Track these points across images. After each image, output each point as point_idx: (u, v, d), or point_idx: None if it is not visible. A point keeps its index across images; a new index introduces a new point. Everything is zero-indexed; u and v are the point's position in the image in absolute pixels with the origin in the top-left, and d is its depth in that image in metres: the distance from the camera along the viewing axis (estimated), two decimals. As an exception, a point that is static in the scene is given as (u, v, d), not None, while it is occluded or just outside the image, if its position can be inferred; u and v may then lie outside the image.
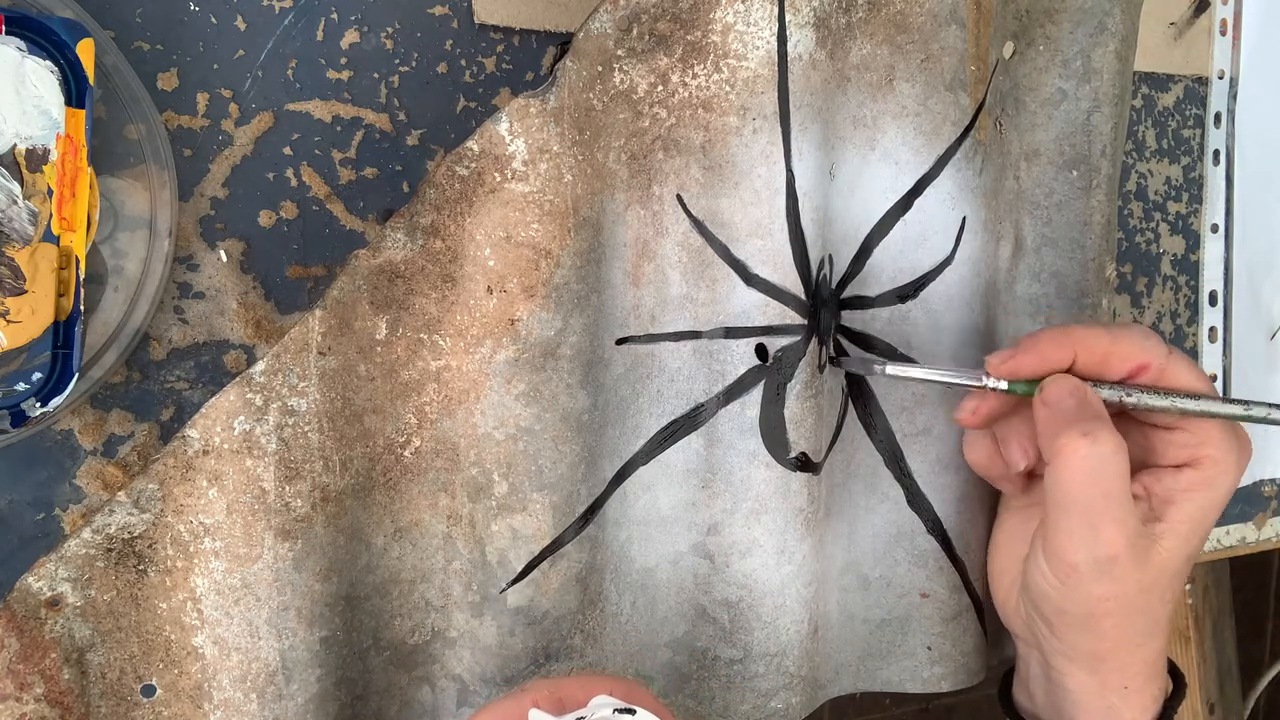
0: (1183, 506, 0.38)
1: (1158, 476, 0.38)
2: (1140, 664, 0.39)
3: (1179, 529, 0.38)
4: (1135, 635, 0.38)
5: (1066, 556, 0.37)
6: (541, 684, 0.31)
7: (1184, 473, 0.38)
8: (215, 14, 0.35)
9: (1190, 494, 0.38)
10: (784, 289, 0.39)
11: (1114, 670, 0.39)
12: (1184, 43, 0.55)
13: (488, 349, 0.36)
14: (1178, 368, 0.38)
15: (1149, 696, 0.40)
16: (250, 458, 0.33)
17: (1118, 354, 0.38)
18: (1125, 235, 0.54)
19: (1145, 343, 0.38)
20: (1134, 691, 0.39)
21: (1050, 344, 0.38)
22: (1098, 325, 0.38)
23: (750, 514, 0.40)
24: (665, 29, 0.36)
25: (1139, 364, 0.38)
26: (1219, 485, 0.38)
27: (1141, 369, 0.38)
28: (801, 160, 0.38)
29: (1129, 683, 0.39)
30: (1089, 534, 0.36)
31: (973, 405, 0.40)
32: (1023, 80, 0.45)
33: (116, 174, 0.33)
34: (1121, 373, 0.38)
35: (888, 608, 0.44)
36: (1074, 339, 0.38)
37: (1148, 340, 0.38)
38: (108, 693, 0.33)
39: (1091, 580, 0.37)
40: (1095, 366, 0.38)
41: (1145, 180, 0.54)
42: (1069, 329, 0.38)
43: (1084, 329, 0.38)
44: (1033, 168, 0.45)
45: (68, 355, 0.31)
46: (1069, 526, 0.37)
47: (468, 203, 0.35)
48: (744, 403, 0.39)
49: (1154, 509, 0.38)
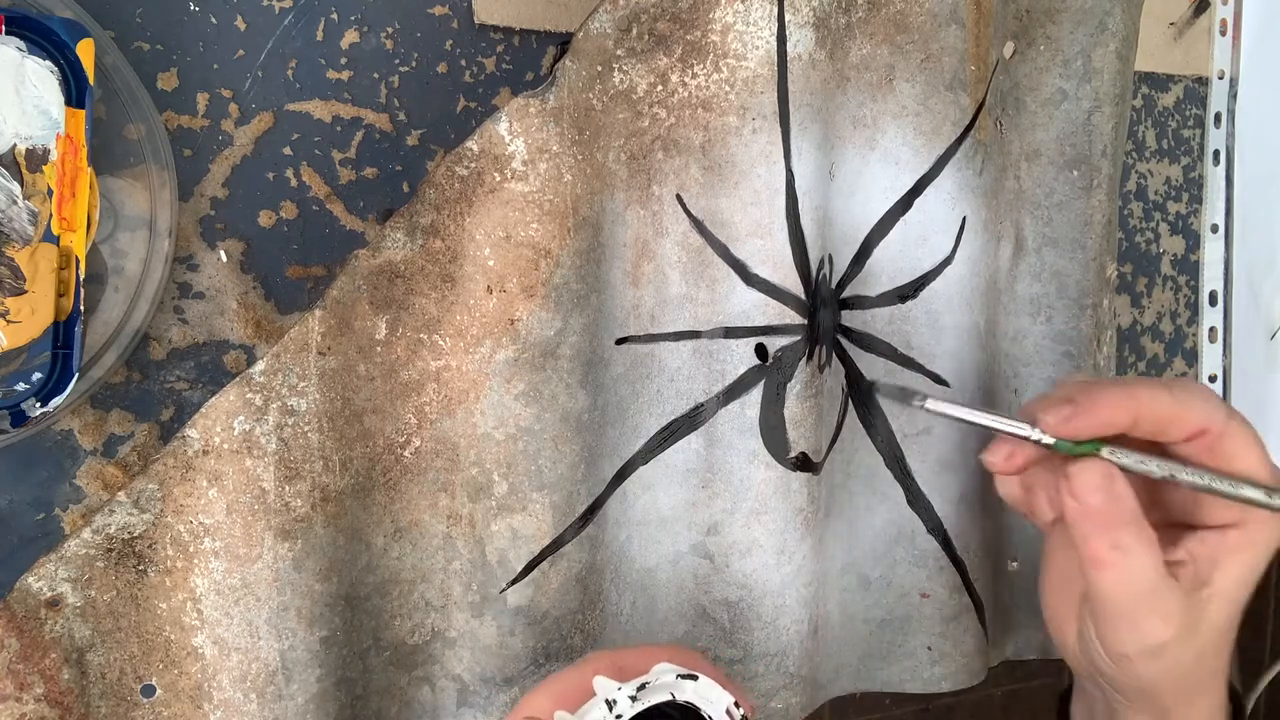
0: (1228, 570, 0.36)
1: (1202, 539, 0.37)
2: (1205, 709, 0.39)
3: (1227, 591, 0.36)
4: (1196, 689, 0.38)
5: (1115, 649, 0.36)
6: (603, 654, 0.31)
7: (1229, 535, 0.37)
8: (215, 14, 0.35)
9: (1236, 555, 0.37)
10: (784, 289, 0.39)
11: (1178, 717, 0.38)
12: (1184, 43, 0.55)
13: (487, 349, 0.36)
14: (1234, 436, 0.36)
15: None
16: (250, 458, 0.33)
17: (1180, 419, 0.35)
18: (1125, 235, 0.54)
19: (1207, 407, 0.36)
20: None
21: (1111, 407, 0.35)
22: (1160, 386, 0.36)
23: (750, 514, 0.40)
24: (665, 29, 0.36)
25: (1199, 429, 0.36)
26: (1265, 543, 0.37)
27: (1201, 433, 0.36)
28: (801, 160, 0.38)
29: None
30: (1133, 631, 0.36)
31: (1007, 452, 0.37)
32: (1023, 80, 0.45)
33: (116, 174, 0.33)
34: (1181, 437, 0.36)
35: (888, 608, 0.44)
36: (1137, 401, 0.35)
37: (1208, 403, 0.36)
38: (108, 693, 0.33)
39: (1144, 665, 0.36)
40: (1154, 430, 0.36)
41: (1145, 180, 0.54)
42: (1133, 389, 0.35)
43: (1147, 390, 0.36)
44: (1033, 167, 0.45)
45: (68, 355, 0.31)
46: (1113, 625, 0.36)
47: (467, 203, 0.35)
48: (744, 403, 0.39)
49: (1199, 573, 0.37)
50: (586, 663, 0.30)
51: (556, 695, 0.30)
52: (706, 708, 0.28)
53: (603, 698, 0.28)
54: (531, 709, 0.29)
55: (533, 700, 0.30)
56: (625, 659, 0.30)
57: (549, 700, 0.29)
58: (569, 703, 0.29)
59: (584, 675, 0.30)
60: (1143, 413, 0.35)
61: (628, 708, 0.28)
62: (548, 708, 0.29)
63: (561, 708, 0.29)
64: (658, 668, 0.29)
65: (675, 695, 0.28)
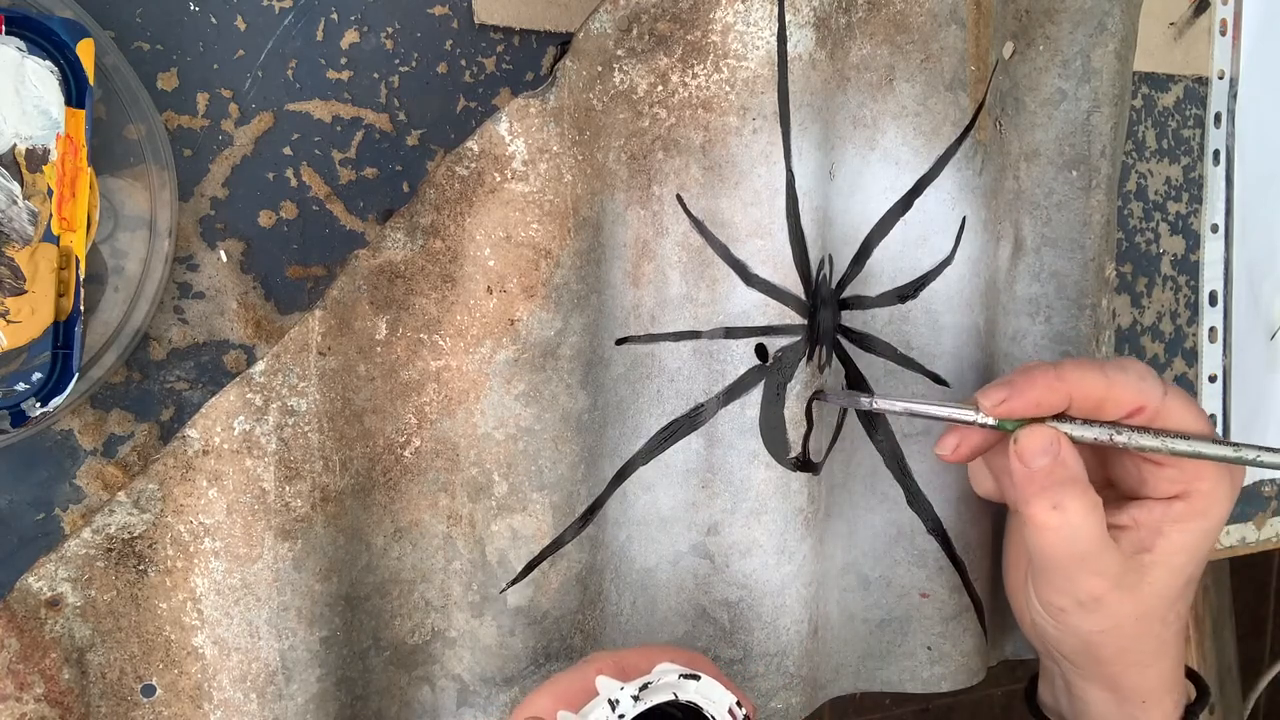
0: (1171, 538, 0.38)
1: (1147, 508, 0.38)
2: (1155, 680, 0.39)
3: (1170, 560, 0.38)
4: (1141, 657, 0.39)
5: (1052, 600, 0.38)
6: (604, 654, 0.31)
7: (1174, 505, 0.38)
8: (215, 14, 0.35)
9: (1180, 525, 0.38)
10: (784, 289, 0.39)
11: (1128, 688, 0.39)
12: (1184, 43, 0.55)
13: (488, 349, 0.36)
14: (1173, 407, 0.37)
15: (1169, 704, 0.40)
16: (250, 458, 0.33)
17: (1113, 398, 0.37)
18: (1125, 235, 0.54)
19: (1141, 384, 0.37)
20: (1153, 705, 0.40)
21: (1044, 387, 0.36)
22: (1093, 365, 0.37)
23: (750, 514, 0.40)
24: (665, 29, 0.36)
25: (1135, 406, 0.37)
26: (1210, 516, 0.38)
27: (1137, 411, 0.37)
28: (801, 160, 0.38)
29: (1146, 698, 0.40)
30: (1068, 584, 0.37)
31: (954, 442, 0.39)
32: (1023, 80, 0.45)
33: (116, 174, 0.33)
34: (1117, 415, 0.37)
35: (888, 608, 0.44)
36: (1069, 381, 0.36)
37: (1144, 381, 0.37)
38: (108, 693, 0.33)
39: (1080, 618, 0.38)
40: (1090, 409, 0.37)
41: (1145, 180, 0.54)
42: (1063, 370, 0.37)
43: (1079, 370, 0.37)
44: (1033, 168, 0.45)
45: (68, 355, 0.31)
46: (1048, 579, 0.37)
47: (468, 203, 0.35)
48: (744, 403, 0.39)
49: (1143, 539, 0.38)
50: (589, 663, 0.30)
51: (559, 695, 0.30)
52: (709, 707, 0.29)
53: (605, 698, 0.28)
54: (534, 709, 0.30)
55: (535, 700, 0.30)
56: (627, 659, 0.31)
57: (551, 700, 0.30)
58: (571, 702, 0.29)
59: (586, 675, 0.30)
60: (1075, 392, 0.37)
61: (630, 708, 0.28)
62: (550, 708, 0.29)
63: (564, 707, 0.29)
64: (660, 668, 0.29)
65: (678, 695, 0.28)
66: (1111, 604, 0.37)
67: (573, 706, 0.29)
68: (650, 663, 0.30)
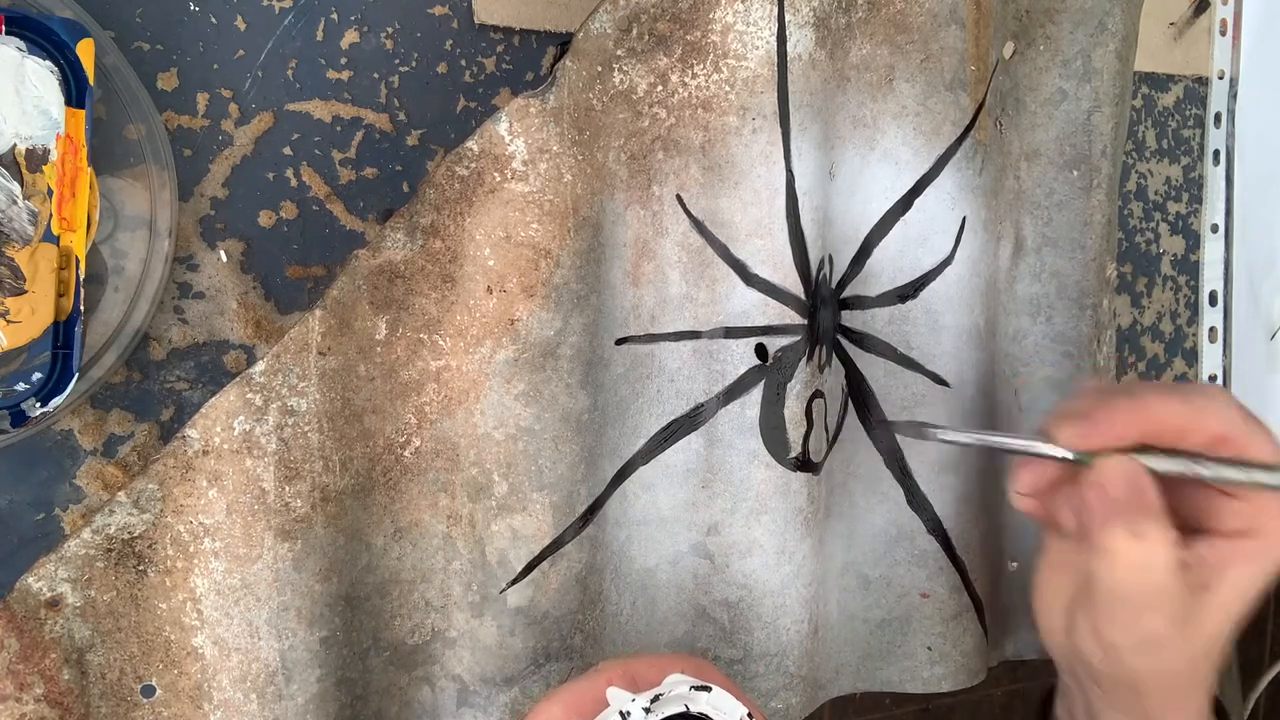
0: (1233, 576, 0.36)
1: (1214, 545, 0.36)
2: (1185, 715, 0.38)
3: (1228, 599, 0.36)
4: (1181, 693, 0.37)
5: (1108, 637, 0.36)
6: (614, 663, 0.31)
7: (1241, 542, 0.36)
8: (215, 14, 0.35)
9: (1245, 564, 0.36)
10: (784, 289, 0.39)
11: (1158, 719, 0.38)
12: (1184, 43, 0.55)
13: (488, 349, 0.36)
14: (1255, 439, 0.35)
15: None
16: (250, 458, 0.33)
17: (1196, 429, 0.35)
18: (1125, 235, 0.54)
19: (1226, 414, 0.35)
20: None
21: (1125, 420, 0.35)
22: (1174, 393, 0.35)
23: (750, 514, 0.40)
24: (665, 29, 0.36)
25: (1219, 437, 0.35)
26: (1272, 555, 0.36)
27: (1221, 441, 0.35)
28: (801, 160, 0.38)
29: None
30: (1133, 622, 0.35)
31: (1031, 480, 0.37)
32: (1023, 80, 0.45)
33: (116, 174, 0.33)
34: (1199, 445, 0.35)
35: (888, 608, 0.44)
36: (1150, 411, 0.35)
37: (1228, 411, 0.35)
38: (108, 693, 0.33)
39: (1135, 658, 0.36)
40: (1173, 440, 0.35)
41: (1145, 180, 0.54)
42: (1145, 400, 0.35)
43: (1160, 399, 0.35)
44: (1033, 168, 0.45)
45: (68, 355, 0.31)
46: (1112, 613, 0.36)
47: (468, 203, 0.35)
48: (744, 403, 0.39)
49: (1204, 578, 0.36)
50: (599, 672, 0.30)
51: (569, 705, 0.30)
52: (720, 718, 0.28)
53: (617, 709, 0.28)
54: (545, 717, 0.29)
55: (546, 709, 0.30)
56: (637, 668, 0.30)
57: (562, 710, 0.29)
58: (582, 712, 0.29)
59: (595, 685, 0.30)
60: (1158, 423, 0.35)
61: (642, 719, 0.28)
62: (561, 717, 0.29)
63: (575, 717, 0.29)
64: (671, 679, 0.29)
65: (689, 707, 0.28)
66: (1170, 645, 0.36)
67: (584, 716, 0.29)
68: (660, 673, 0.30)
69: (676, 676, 0.29)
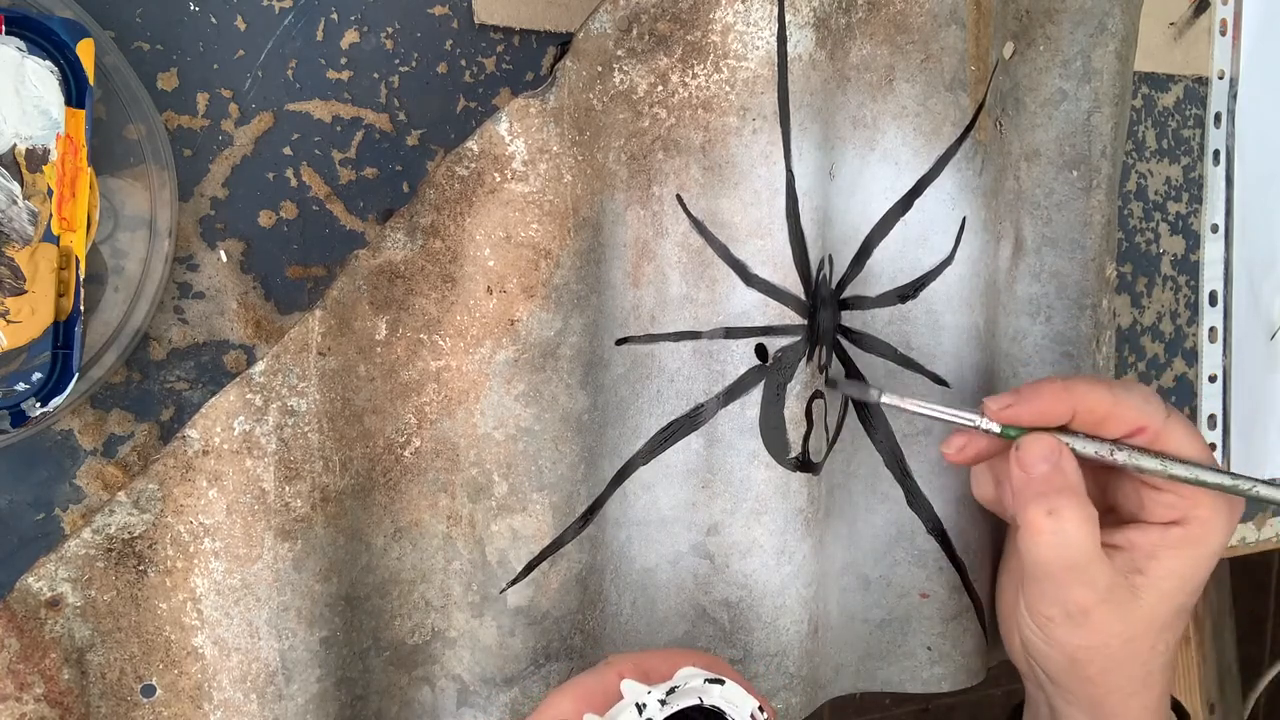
0: (1165, 562, 0.38)
1: (1144, 531, 0.38)
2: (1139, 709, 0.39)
3: (1161, 584, 0.38)
4: (1127, 683, 0.39)
5: (1041, 609, 0.38)
6: (623, 657, 0.31)
7: (1170, 530, 0.38)
8: (215, 14, 0.35)
9: (1174, 551, 0.38)
10: (784, 289, 0.39)
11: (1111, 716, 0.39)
12: (1184, 43, 0.55)
13: (487, 349, 0.36)
14: (1174, 432, 0.38)
15: None
16: (250, 458, 0.33)
17: (1116, 416, 0.37)
18: (1125, 235, 0.54)
19: (1145, 406, 0.38)
20: None
21: (1050, 398, 0.37)
22: (1100, 382, 0.38)
23: (750, 514, 0.40)
24: (665, 29, 0.36)
25: (1137, 426, 0.38)
26: (1205, 544, 0.38)
27: (1139, 431, 0.38)
28: (801, 160, 0.38)
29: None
30: (1058, 592, 0.37)
31: (960, 443, 0.40)
32: (1023, 80, 0.45)
33: (116, 174, 0.33)
34: (1118, 433, 0.38)
35: (888, 608, 0.44)
36: (1075, 395, 0.37)
37: (1148, 404, 0.38)
38: (108, 693, 0.33)
39: (1067, 631, 0.38)
40: (1093, 425, 0.38)
41: (1145, 180, 0.54)
42: (1072, 383, 0.38)
43: (1087, 385, 0.38)
44: (1033, 168, 0.45)
45: (68, 355, 0.31)
46: (1039, 587, 0.38)
47: (467, 203, 0.35)
48: (744, 403, 0.39)
49: (1136, 561, 0.38)
50: (609, 665, 0.31)
51: (580, 697, 0.30)
52: (732, 712, 0.29)
53: (632, 701, 0.28)
54: (557, 710, 0.30)
55: (557, 701, 0.30)
56: (649, 662, 0.31)
57: (573, 702, 0.30)
58: (594, 705, 0.29)
59: (605, 678, 0.30)
60: (1080, 406, 0.37)
61: (657, 711, 0.28)
62: (573, 709, 0.29)
63: (587, 709, 0.29)
64: (684, 671, 0.29)
65: (703, 699, 0.28)
66: (1099, 619, 0.37)
67: (595, 709, 0.29)
68: (672, 666, 0.30)
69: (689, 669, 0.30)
